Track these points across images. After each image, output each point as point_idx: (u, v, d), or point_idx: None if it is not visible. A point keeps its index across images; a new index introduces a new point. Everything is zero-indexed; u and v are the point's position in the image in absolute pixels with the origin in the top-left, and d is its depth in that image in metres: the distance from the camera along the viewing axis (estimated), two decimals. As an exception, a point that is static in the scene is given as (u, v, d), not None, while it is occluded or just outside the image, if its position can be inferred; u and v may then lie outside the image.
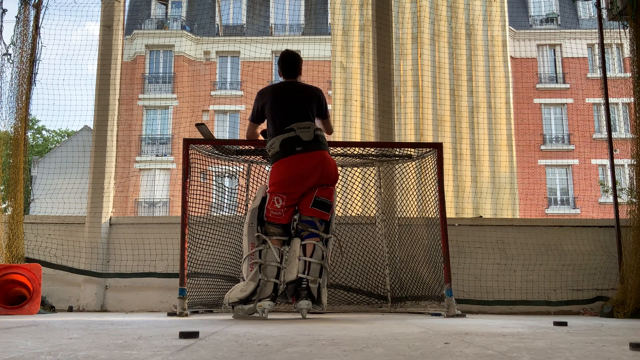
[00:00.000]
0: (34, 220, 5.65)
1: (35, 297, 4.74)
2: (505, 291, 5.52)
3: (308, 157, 4.19)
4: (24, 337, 2.48)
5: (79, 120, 61.97)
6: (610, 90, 5.98)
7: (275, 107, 4.33)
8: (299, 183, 4.19)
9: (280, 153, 4.22)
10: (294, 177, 4.17)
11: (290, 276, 4.08)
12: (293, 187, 4.18)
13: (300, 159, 4.19)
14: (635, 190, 5.14)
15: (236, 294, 4.04)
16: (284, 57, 4.52)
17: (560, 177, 27.64)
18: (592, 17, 27.91)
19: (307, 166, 4.19)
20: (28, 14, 5.69)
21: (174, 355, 1.85)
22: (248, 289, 4.02)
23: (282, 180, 4.18)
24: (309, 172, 4.19)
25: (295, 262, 4.08)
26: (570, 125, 28.11)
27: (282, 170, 4.20)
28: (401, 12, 6.99)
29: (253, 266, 4.07)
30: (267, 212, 4.21)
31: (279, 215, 4.19)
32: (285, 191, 4.19)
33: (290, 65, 4.49)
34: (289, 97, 4.37)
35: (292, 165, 4.19)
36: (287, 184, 4.17)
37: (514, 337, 2.55)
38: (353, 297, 5.31)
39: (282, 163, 4.21)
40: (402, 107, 6.80)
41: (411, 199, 5.36)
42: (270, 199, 4.22)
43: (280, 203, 4.19)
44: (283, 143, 4.21)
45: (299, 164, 4.19)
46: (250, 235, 4.17)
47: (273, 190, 4.22)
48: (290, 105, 4.33)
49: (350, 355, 1.84)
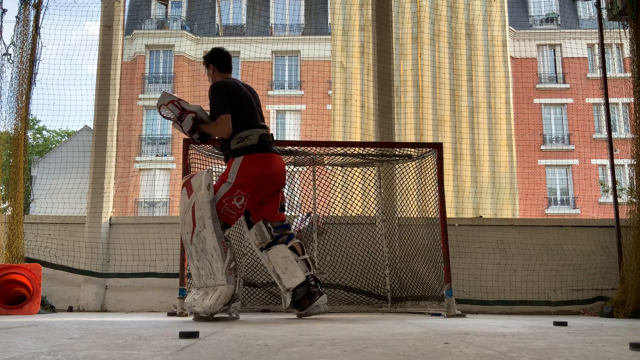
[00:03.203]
0: (34, 220, 5.65)
1: (35, 297, 4.73)
2: (505, 291, 5.52)
3: (279, 160, 4.06)
4: (24, 337, 2.48)
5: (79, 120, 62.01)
6: (610, 90, 5.98)
7: (246, 102, 4.04)
8: (269, 185, 3.96)
9: (258, 147, 3.93)
10: (270, 175, 3.94)
11: (297, 280, 3.92)
12: (264, 187, 3.93)
13: (277, 159, 4.03)
14: (635, 190, 5.14)
15: (222, 300, 3.70)
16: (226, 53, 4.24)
17: (560, 177, 27.62)
18: (592, 17, 27.89)
19: (281, 169, 4.05)
20: (28, 14, 5.69)
21: (174, 355, 1.85)
22: (230, 292, 3.73)
23: (257, 175, 3.87)
24: (280, 176, 4.03)
25: (296, 265, 3.93)
26: (570, 125, 28.09)
27: (259, 166, 3.90)
28: (401, 12, 6.99)
29: (232, 269, 3.78)
30: (218, 205, 3.83)
31: (232, 215, 3.87)
32: (254, 189, 3.88)
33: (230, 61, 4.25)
34: (255, 96, 4.18)
35: (271, 163, 3.95)
36: (261, 181, 3.90)
37: (514, 337, 2.55)
38: (353, 297, 5.31)
39: (260, 158, 3.92)
40: (402, 107, 6.80)
41: (411, 199, 5.36)
42: (229, 194, 3.84)
43: (241, 202, 3.84)
44: (261, 137, 3.97)
45: (277, 163, 4.01)
46: (217, 232, 3.78)
47: (241, 184, 3.85)
48: (257, 105, 4.18)
49: (350, 355, 1.84)
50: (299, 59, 28.42)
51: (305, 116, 26.94)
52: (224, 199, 3.83)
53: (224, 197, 3.83)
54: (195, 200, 3.82)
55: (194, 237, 3.82)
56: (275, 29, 29.45)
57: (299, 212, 5.80)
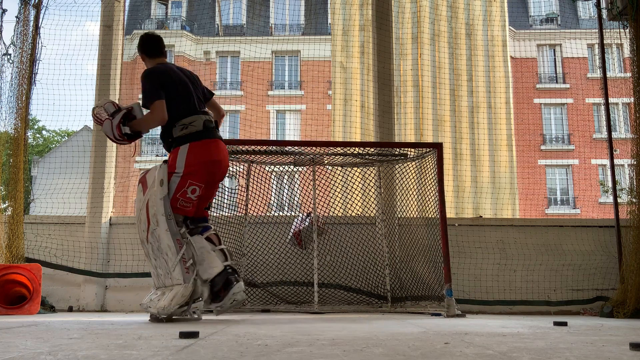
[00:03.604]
0: (34, 220, 5.65)
1: (35, 297, 4.73)
2: (505, 291, 5.52)
3: (224, 147, 3.90)
4: (24, 337, 2.48)
5: (79, 120, 61.91)
6: (610, 90, 5.98)
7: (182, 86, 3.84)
8: (219, 172, 3.82)
9: (204, 133, 3.76)
10: (219, 161, 3.79)
11: (215, 270, 3.69)
12: (214, 174, 3.78)
13: (221, 145, 3.86)
14: (635, 190, 5.14)
15: (178, 300, 3.54)
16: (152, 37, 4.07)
17: (560, 177, 27.63)
18: (592, 17, 27.89)
19: (226, 155, 3.90)
20: (28, 14, 5.69)
21: (174, 355, 1.85)
22: (187, 292, 3.57)
23: (207, 162, 3.72)
24: (225, 164, 3.88)
25: (213, 255, 3.71)
26: (570, 125, 28.10)
27: (208, 151, 3.73)
28: (401, 12, 7.00)
29: (189, 268, 3.62)
30: (172, 201, 3.67)
31: (189, 206, 3.70)
32: (206, 177, 3.72)
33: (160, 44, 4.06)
34: (193, 80, 3.99)
35: (219, 148, 3.80)
36: (212, 166, 3.74)
37: (514, 337, 2.55)
38: (353, 297, 5.31)
39: (207, 143, 3.74)
40: (402, 107, 6.80)
41: (411, 199, 5.36)
42: (181, 187, 3.67)
43: (196, 194, 3.68)
44: (206, 123, 3.80)
45: (222, 149, 3.85)
46: (172, 229, 3.62)
47: (190, 172, 3.68)
48: (197, 89, 3.95)
49: (350, 355, 1.84)
50: (299, 59, 28.43)
51: (305, 116, 26.95)
52: (177, 194, 3.67)
53: (176, 192, 3.67)
54: (149, 197, 3.69)
55: (149, 236, 3.68)
56: (275, 29, 29.46)
57: (299, 212, 5.80)
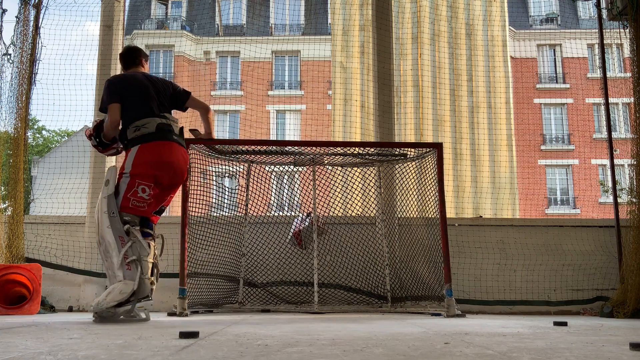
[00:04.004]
0: (34, 220, 5.65)
1: (35, 297, 4.73)
2: (505, 291, 5.52)
3: (179, 150, 3.98)
4: (24, 337, 2.48)
5: (79, 120, 61.86)
6: (610, 90, 5.97)
7: (142, 90, 3.97)
8: (170, 172, 3.88)
9: (155, 135, 3.87)
10: (169, 162, 3.87)
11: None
12: (166, 173, 3.86)
13: (175, 148, 3.95)
14: (635, 190, 5.14)
15: (114, 296, 3.55)
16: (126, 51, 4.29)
17: (560, 177, 27.63)
18: (592, 17, 27.89)
19: (179, 158, 3.97)
20: (28, 14, 5.69)
21: (174, 355, 1.85)
22: (127, 289, 3.58)
23: (153, 162, 3.81)
24: (177, 166, 3.94)
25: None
26: (570, 125, 28.11)
27: (155, 153, 3.84)
28: (401, 12, 7.00)
29: (130, 264, 3.65)
30: (124, 201, 3.74)
31: (142, 206, 3.78)
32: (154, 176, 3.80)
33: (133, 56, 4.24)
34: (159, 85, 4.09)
35: (164, 150, 3.88)
36: (159, 167, 3.82)
37: (514, 337, 2.55)
38: (353, 297, 5.31)
39: (157, 145, 3.86)
40: (402, 107, 6.80)
41: (411, 199, 5.36)
42: (130, 187, 3.76)
43: (146, 193, 3.77)
44: (159, 126, 3.90)
45: (175, 152, 3.93)
46: (114, 226, 3.67)
47: (137, 173, 3.78)
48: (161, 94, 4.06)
49: (350, 355, 1.84)
50: (299, 59, 28.42)
51: (305, 116, 26.95)
52: (128, 194, 3.76)
53: (127, 192, 3.76)
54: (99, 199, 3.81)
55: (99, 237, 3.74)
56: (275, 29, 29.46)
57: (299, 212, 5.80)
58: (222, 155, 5.05)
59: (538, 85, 28.41)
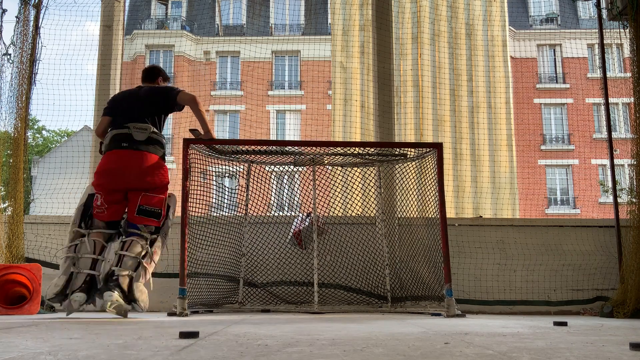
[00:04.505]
0: (34, 220, 5.64)
1: (35, 297, 4.73)
2: (505, 291, 5.52)
3: (130, 154, 4.23)
4: (24, 337, 2.48)
5: (79, 120, 61.68)
6: (610, 90, 5.97)
7: (119, 105, 4.44)
8: (113, 179, 4.22)
9: (108, 146, 4.29)
10: (111, 170, 4.21)
11: (104, 271, 4.16)
12: (108, 181, 4.22)
13: (121, 154, 4.23)
14: (635, 190, 5.14)
15: (51, 290, 4.10)
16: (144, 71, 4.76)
17: (560, 177, 27.64)
18: (592, 17, 27.89)
19: (126, 163, 4.21)
20: (28, 14, 5.69)
21: (174, 355, 1.85)
22: (60, 282, 4.10)
23: (99, 172, 4.26)
24: (126, 170, 4.20)
25: (112, 257, 4.18)
26: (570, 125, 28.12)
27: (102, 163, 4.29)
28: (401, 12, 7.00)
29: (66, 260, 4.15)
30: (93, 209, 4.29)
31: (102, 212, 4.27)
32: (102, 184, 4.23)
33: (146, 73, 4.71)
34: (130, 100, 4.44)
35: (111, 158, 4.25)
36: (103, 176, 4.23)
37: (514, 337, 2.55)
38: (353, 297, 5.31)
39: (105, 156, 4.30)
40: (402, 107, 6.80)
41: (411, 199, 5.36)
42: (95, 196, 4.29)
43: (99, 200, 4.24)
44: (114, 138, 4.27)
45: (120, 158, 4.23)
46: (70, 231, 4.25)
47: (94, 184, 4.31)
48: (130, 107, 4.39)
49: (350, 355, 1.84)
50: (299, 59, 28.43)
51: (305, 116, 26.96)
52: (94, 202, 4.28)
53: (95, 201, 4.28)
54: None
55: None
56: (275, 29, 29.46)
57: (299, 212, 5.80)
58: (222, 155, 5.04)
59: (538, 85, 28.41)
